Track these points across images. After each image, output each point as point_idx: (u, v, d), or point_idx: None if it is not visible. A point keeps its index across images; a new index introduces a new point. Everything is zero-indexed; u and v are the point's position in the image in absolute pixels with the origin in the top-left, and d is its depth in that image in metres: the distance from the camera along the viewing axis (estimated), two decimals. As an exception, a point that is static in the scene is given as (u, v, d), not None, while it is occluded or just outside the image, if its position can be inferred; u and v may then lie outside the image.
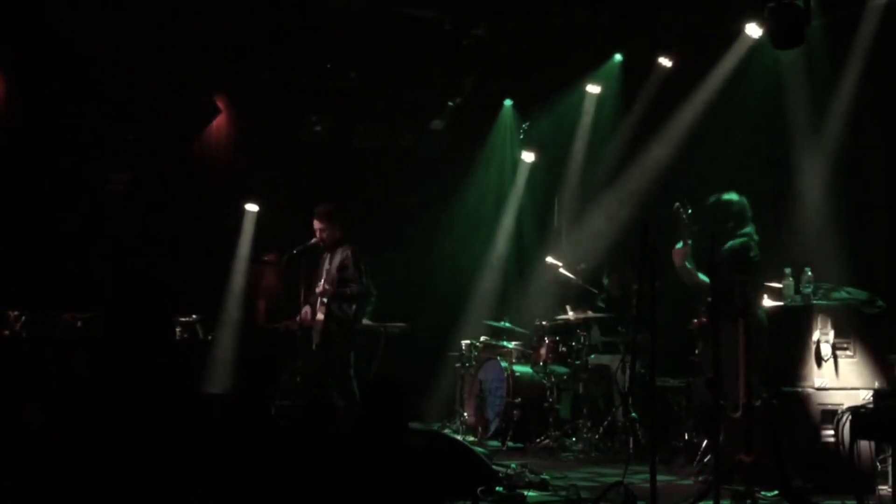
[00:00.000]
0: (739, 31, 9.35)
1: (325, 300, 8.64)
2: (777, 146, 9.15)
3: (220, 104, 11.61)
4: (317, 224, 8.78)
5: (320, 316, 8.67)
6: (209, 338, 10.20)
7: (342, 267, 8.71)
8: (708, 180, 8.77)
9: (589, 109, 11.52)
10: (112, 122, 10.90)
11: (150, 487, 3.65)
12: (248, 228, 11.57)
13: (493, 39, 10.82)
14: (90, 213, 10.54)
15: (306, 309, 8.80)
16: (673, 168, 10.17)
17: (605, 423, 9.19)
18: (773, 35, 7.92)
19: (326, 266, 8.83)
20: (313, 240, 8.82)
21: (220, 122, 11.77)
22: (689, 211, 7.27)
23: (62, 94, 10.43)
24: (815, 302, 7.18)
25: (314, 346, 8.70)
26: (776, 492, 6.23)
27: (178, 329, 9.65)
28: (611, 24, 10.35)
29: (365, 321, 9.35)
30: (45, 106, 10.50)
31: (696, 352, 7.89)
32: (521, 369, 9.97)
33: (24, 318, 8.94)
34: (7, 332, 8.92)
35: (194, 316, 9.97)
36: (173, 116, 11.18)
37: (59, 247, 10.18)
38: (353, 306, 8.72)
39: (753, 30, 9.14)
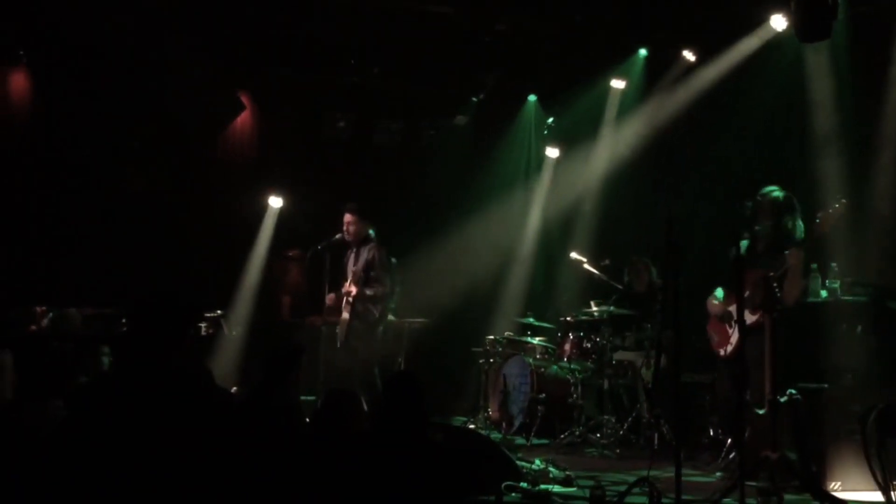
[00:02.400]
0: (764, 23, 9.28)
1: (350, 300, 8.67)
2: (799, 140, 9.05)
3: (244, 100, 11.65)
4: (347, 219, 8.80)
5: (346, 315, 8.70)
6: (234, 333, 10.24)
7: (369, 266, 8.72)
8: (730, 175, 8.73)
9: (613, 104, 11.48)
10: (135, 119, 10.96)
11: (172, 484, 3.66)
12: (268, 223, 11.55)
13: (516, 35, 10.79)
14: (114, 209, 10.59)
15: (332, 296, 8.82)
16: (695, 163, 10.12)
17: (630, 419, 9.15)
18: (799, 28, 7.84)
19: (352, 264, 8.84)
20: (338, 235, 8.84)
21: (244, 118, 11.81)
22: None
23: (86, 92, 10.48)
24: (841, 297, 7.11)
25: (338, 344, 8.73)
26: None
27: (203, 325, 9.70)
28: (635, 19, 10.29)
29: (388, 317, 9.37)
30: (69, 103, 10.55)
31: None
32: (546, 365, 9.94)
33: (49, 313, 9.02)
34: (33, 328, 9.00)
35: (219, 312, 10.03)
36: (198, 112, 11.23)
37: (83, 243, 10.24)
38: (379, 307, 8.75)
39: (779, 22, 9.06)
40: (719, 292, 7.75)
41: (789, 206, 7.14)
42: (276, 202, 11.50)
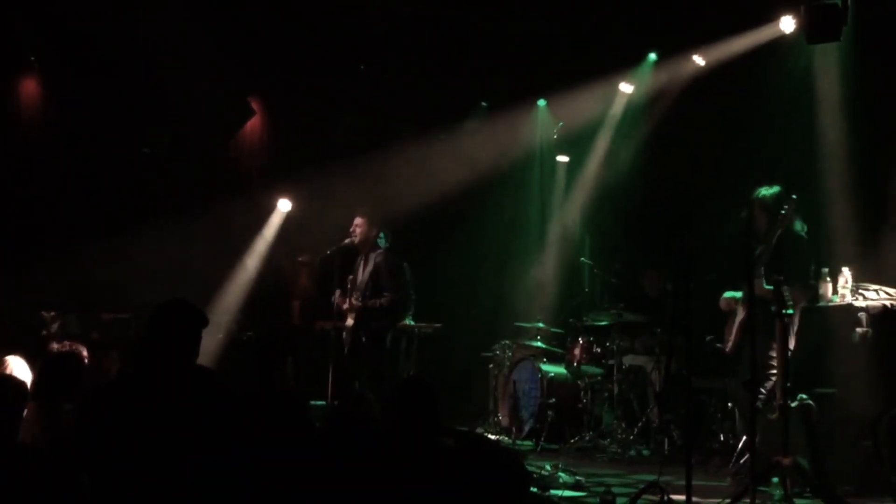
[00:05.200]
0: (774, 25, 9.28)
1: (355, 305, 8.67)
2: (810, 141, 9.02)
3: (254, 106, 11.66)
4: (356, 221, 8.80)
5: (351, 321, 8.68)
6: (240, 336, 10.27)
7: (376, 274, 8.70)
8: (742, 177, 8.69)
9: (622, 108, 11.47)
10: (146, 124, 10.98)
11: (183, 488, 3.66)
12: (272, 227, 11.54)
13: (526, 39, 10.79)
14: (124, 214, 10.61)
15: (339, 294, 8.81)
16: (709, 164, 10.11)
17: (640, 424, 9.14)
18: (807, 29, 7.84)
19: (361, 271, 8.82)
20: (347, 240, 8.84)
21: (253, 123, 11.82)
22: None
23: (96, 97, 10.51)
24: (853, 303, 7.09)
25: (345, 349, 8.72)
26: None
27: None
28: (644, 23, 10.29)
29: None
30: (79, 108, 10.58)
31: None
32: (555, 370, 9.93)
33: (60, 319, 9.05)
34: (44, 333, 9.04)
35: (226, 316, 10.04)
36: (208, 118, 11.25)
37: (92, 248, 10.25)
38: (388, 315, 8.73)
39: (787, 24, 9.05)
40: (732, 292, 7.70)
41: (783, 202, 7.11)
42: (285, 206, 11.50)
